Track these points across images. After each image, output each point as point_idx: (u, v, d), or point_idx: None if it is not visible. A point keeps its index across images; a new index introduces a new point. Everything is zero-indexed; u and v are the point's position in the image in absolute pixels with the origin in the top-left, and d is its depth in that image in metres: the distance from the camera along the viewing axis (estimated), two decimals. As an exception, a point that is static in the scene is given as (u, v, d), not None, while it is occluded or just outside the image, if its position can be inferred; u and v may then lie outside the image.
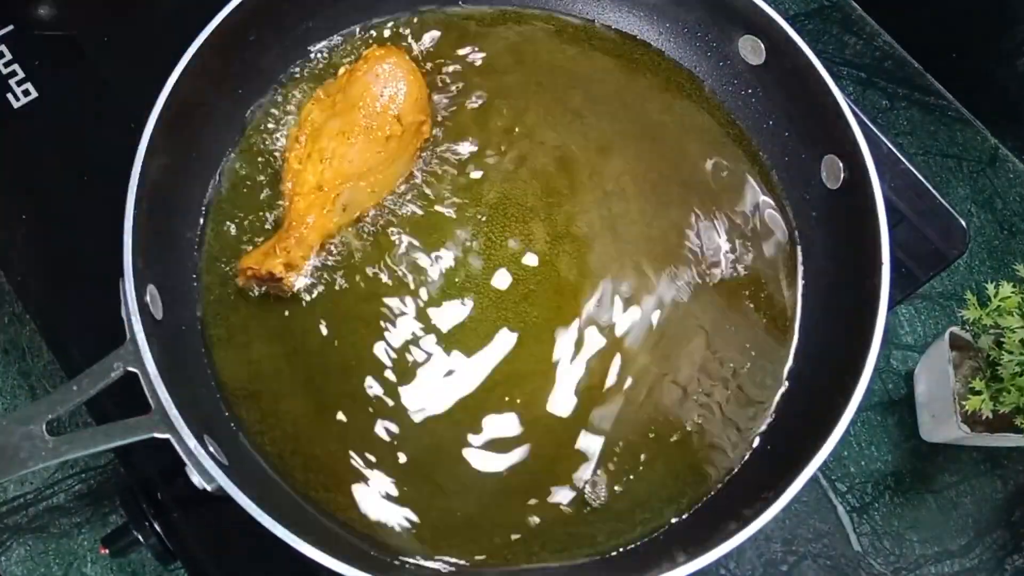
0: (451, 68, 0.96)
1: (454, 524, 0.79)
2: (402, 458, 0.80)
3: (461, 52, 0.97)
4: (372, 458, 0.80)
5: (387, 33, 0.97)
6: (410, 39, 0.97)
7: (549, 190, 0.91)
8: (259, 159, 0.90)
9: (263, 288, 0.84)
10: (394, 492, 0.79)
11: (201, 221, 0.87)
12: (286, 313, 0.84)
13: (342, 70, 0.93)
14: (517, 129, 0.93)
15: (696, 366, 0.85)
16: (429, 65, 0.95)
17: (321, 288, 0.85)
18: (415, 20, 0.98)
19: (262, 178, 0.89)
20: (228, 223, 0.87)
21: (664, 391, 0.84)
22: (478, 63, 0.96)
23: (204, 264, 0.86)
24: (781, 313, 0.88)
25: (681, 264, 0.89)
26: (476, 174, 0.91)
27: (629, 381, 0.84)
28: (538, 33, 0.99)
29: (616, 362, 0.85)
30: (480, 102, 0.94)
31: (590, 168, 0.92)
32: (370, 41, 0.96)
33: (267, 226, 0.87)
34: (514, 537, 0.78)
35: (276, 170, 0.89)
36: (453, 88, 0.95)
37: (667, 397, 0.84)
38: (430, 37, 0.97)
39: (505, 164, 0.91)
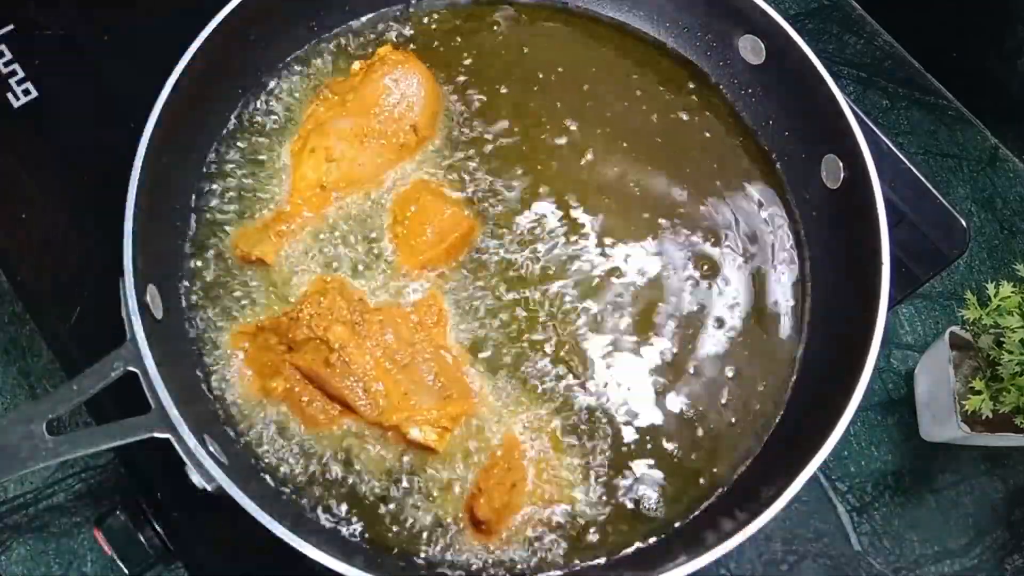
0: (454, 67, 0.96)
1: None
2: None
3: (463, 48, 0.97)
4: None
5: (392, 30, 0.97)
6: (412, 37, 0.97)
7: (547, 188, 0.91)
8: (259, 157, 0.90)
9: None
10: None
11: (202, 219, 0.87)
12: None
13: (356, 65, 0.93)
14: (516, 128, 0.93)
15: (697, 367, 0.85)
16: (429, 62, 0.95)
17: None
18: (415, 16, 0.98)
19: (263, 175, 0.89)
20: (228, 220, 0.87)
21: (665, 391, 0.84)
22: (481, 59, 0.96)
23: (204, 262, 0.86)
24: (781, 312, 0.88)
25: (681, 262, 0.89)
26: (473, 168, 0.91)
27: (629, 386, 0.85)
28: (541, 28, 0.99)
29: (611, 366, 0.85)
30: (482, 99, 0.94)
31: (588, 170, 0.92)
32: (378, 40, 0.96)
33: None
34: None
35: (276, 166, 0.89)
36: (455, 83, 0.95)
37: (668, 398, 0.84)
38: (429, 32, 0.97)
39: (503, 160, 0.92)
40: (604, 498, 0.80)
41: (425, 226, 0.85)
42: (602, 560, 0.79)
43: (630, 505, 0.80)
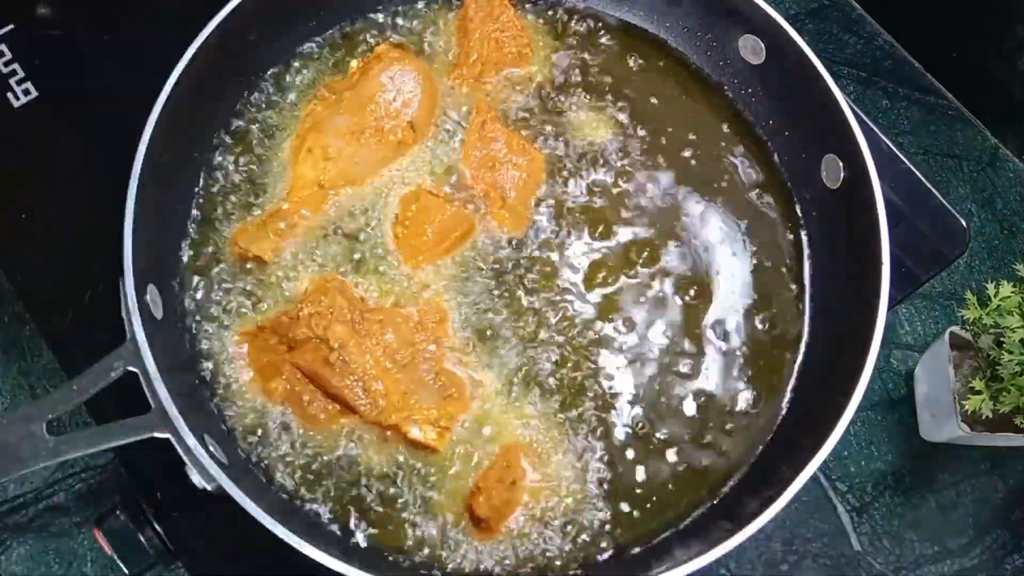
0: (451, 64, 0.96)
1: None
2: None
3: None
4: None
5: (390, 28, 0.97)
6: (410, 34, 0.97)
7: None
8: (258, 156, 0.90)
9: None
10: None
11: (202, 219, 0.87)
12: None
13: (354, 63, 0.93)
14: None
15: (697, 367, 0.85)
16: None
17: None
18: (412, 14, 0.98)
19: (262, 174, 0.89)
20: (228, 220, 0.87)
21: (665, 392, 0.84)
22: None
23: (205, 262, 0.86)
24: (782, 312, 0.88)
25: (681, 261, 0.89)
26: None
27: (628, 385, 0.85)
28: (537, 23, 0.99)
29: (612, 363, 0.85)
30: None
31: (583, 167, 0.92)
32: (377, 38, 0.96)
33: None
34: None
35: (275, 165, 0.89)
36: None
37: (669, 399, 0.84)
38: (426, 30, 0.97)
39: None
40: (604, 497, 0.80)
41: (426, 226, 0.85)
42: (602, 559, 0.79)
43: (630, 504, 0.80)
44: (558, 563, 0.78)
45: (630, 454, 0.82)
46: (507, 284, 0.86)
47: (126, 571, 0.80)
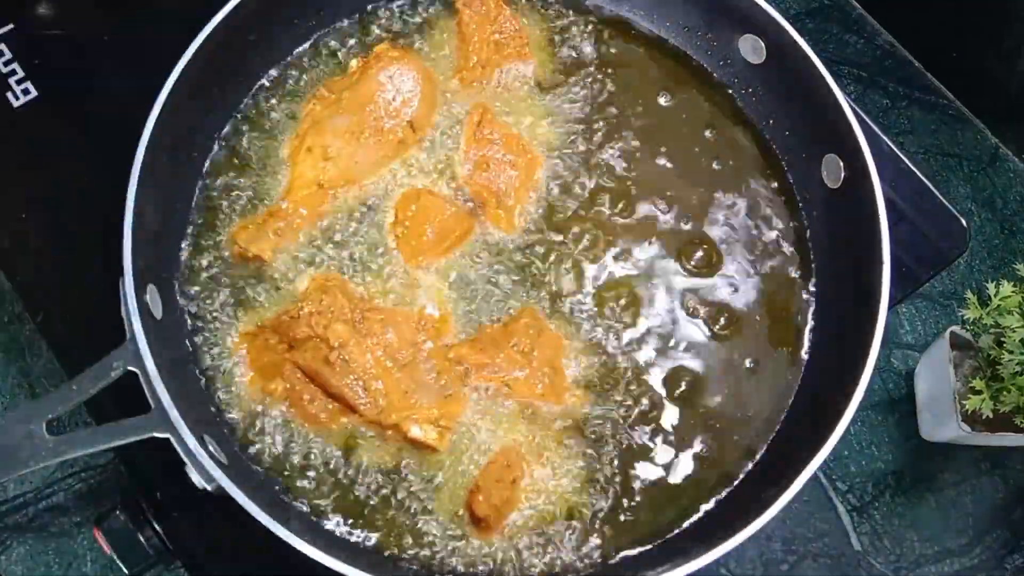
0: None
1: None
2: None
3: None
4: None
5: (390, 27, 0.97)
6: (413, 36, 0.97)
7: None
8: (258, 156, 0.90)
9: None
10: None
11: (201, 219, 0.87)
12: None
13: (354, 63, 0.93)
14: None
15: (697, 368, 0.85)
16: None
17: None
18: (414, 16, 0.98)
19: (261, 175, 0.89)
20: (228, 220, 0.87)
21: (666, 394, 0.84)
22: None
23: (204, 262, 0.85)
24: (782, 312, 0.88)
25: (681, 260, 0.89)
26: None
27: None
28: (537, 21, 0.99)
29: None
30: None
31: (586, 163, 0.92)
32: (377, 37, 0.96)
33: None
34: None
35: (275, 165, 0.89)
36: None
37: (669, 400, 0.84)
38: (426, 29, 0.97)
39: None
40: (605, 497, 0.80)
41: (425, 225, 0.85)
42: (602, 559, 0.79)
43: (630, 505, 0.80)
44: (558, 562, 0.78)
45: (630, 455, 0.82)
46: (506, 283, 0.86)
47: (126, 571, 0.80)
